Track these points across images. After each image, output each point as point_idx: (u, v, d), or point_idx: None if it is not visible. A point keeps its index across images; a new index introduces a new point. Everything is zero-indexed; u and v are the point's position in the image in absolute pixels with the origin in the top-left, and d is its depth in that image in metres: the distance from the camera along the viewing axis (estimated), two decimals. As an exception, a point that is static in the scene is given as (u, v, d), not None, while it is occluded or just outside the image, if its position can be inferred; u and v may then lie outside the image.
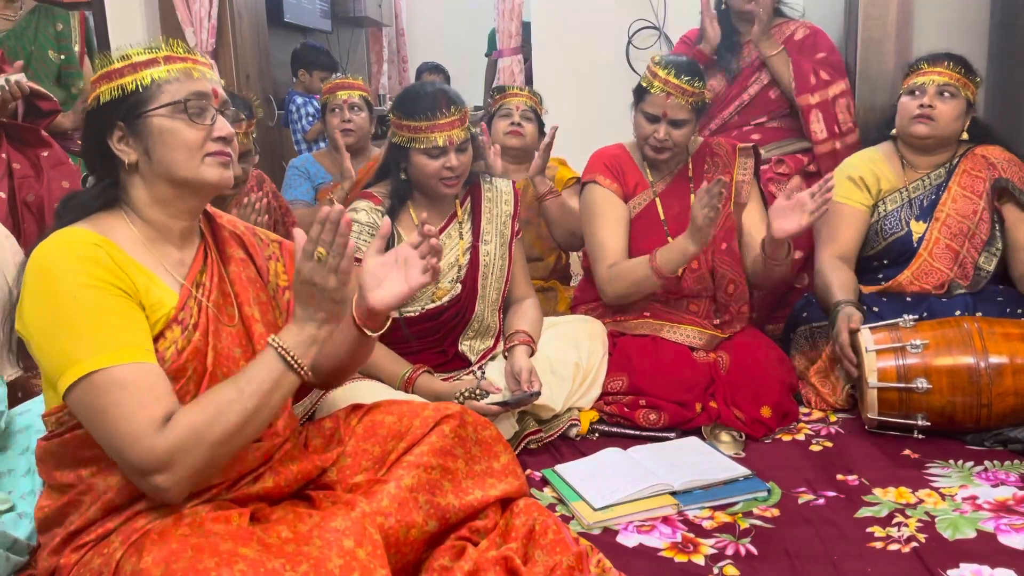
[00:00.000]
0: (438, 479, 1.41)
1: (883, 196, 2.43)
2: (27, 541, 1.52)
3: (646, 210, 2.44)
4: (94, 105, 1.33)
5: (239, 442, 1.24)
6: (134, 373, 1.20)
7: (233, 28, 4.23)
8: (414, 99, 2.08)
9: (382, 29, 7.26)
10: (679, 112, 2.31)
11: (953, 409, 2.03)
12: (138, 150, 1.31)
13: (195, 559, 1.10)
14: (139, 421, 1.17)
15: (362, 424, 1.49)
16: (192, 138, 1.31)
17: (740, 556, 1.60)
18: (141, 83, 1.30)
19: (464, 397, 1.99)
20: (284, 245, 1.56)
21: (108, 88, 1.31)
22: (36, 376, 2.19)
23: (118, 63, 1.32)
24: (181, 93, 1.31)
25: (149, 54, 1.32)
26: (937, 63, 2.36)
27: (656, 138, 2.34)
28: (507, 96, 2.85)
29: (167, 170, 1.31)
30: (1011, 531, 1.63)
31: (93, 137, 1.34)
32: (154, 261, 1.32)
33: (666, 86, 2.29)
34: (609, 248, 2.36)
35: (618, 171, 2.45)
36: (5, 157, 2.40)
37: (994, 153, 2.39)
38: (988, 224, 2.35)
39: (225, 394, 1.22)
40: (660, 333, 2.34)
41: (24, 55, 2.85)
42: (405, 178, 2.15)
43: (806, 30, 2.91)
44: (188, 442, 1.18)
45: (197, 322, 1.32)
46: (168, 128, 1.30)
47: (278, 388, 1.26)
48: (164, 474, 1.18)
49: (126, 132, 1.31)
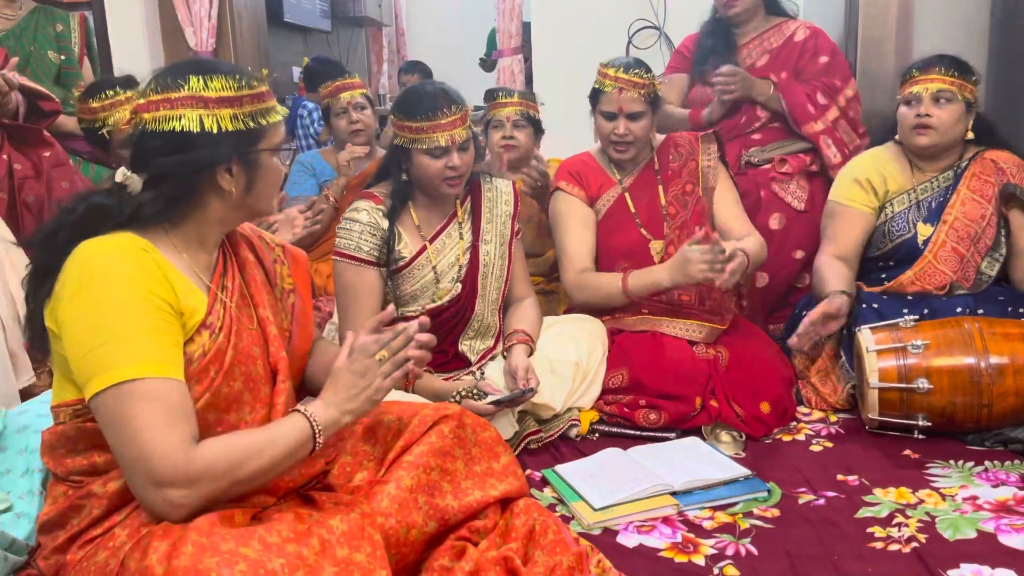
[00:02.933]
0: (437, 480, 1.41)
1: (891, 198, 2.42)
2: (26, 541, 1.52)
3: (615, 206, 2.48)
4: (215, 128, 1.29)
5: (254, 485, 1.29)
6: (166, 388, 1.22)
7: (233, 28, 4.24)
8: (415, 100, 2.08)
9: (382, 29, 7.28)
10: (634, 105, 2.37)
11: (954, 409, 2.03)
12: (242, 181, 1.35)
13: (197, 558, 1.10)
14: (171, 434, 1.19)
15: (361, 424, 1.50)
16: (278, 178, 1.43)
17: (740, 556, 1.60)
18: (267, 119, 1.36)
19: (461, 396, 1.99)
20: (287, 249, 1.60)
21: (228, 113, 1.30)
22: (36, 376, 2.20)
23: (246, 89, 1.31)
24: (280, 132, 1.40)
25: (263, 85, 1.36)
26: (929, 70, 2.33)
27: (616, 134, 2.40)
28: (497, 105, 2.82)
29: (257, 203, 1.39)
30: (1011, 531, 1.63)
31: (197, 160, 1.30)
32: (187, 266, 1.35)
33: (617, 82, 2.37)
34: (573, 254, 2.43)
35: (580, 176, 2.50)
36: (6, 158, 2.41)
37: (1003, 157, 2.38)
38: (995, 229, 2.34)
39: (259, 440, 1.28)
40: (659, 328, 2.34)
41: (23, 55, 2.85)
42: (407, 179, 2.14)
43: (806, 31, 2.87)
44: (220, 469, 1.22)
45: (223, 325, 1.34)
46: (272, 167, 1.39)
47: (298, 451, 1.31)
48: (186, 489, 1.19)
49: (239, 164, 1.34)
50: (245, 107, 1.31)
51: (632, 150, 2.44)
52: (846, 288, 2.28)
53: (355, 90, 3.07)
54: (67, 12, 3.10)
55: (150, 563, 1.11)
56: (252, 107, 1.32)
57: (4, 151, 2.41)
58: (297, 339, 1.53)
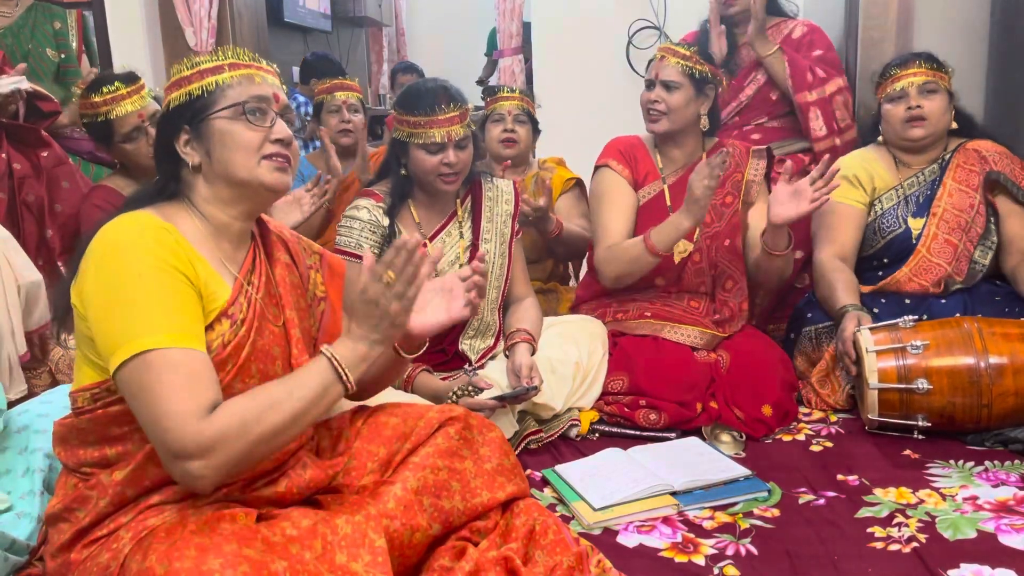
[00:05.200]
0: (445, 480, 1.41)
1: (878, 195, 2.44)
2: (26, 541, 1.52)
3: (655, 199, 2.46)
4: (165, 110, 1.38)
5: (279, 442, 1.26)
6: (187, 358, 1.21)
7: (233, 28, 4.23)
8: (415, 95, 2.09)
9: (382, 29, 7.27)
10: (671, 73, 2.37)
11: (953, 409, 2.03)
12: (201, 152, 1.35)
13: (199, 559, 1.10)
14: (187, 404, 1.18)
15: (367, 425, 1.50)
16: (250, 139, 1.34)
17: (740, 556, 1.60)
18: (207, 88, 1.35)
19: (457, 396, 1.99)
20: (325, 257, 1.58)
21: (177, 95, 1.36)
22: (36, 376, 2.20)
23: (187, 70, 1.37)
24: (242, 96, 1.35)
25: (215, 60, 1.37)
26: (908, 65, 2.38)
27: (649, 99, 2.40)
28: (499, 99, 2.81)
29: (226, 171, 1.34)
30: (1011, 531, 1.63)
31: (163, 141, 1.38)
32: (211, 254, 1.34)
33: (660, 51, 2.41)
34: (611, 230, 2.40)
35: (631, 158, 2.48)
36: (5, 157, 2.41)
37: (985, 146, 2.41)
38: (984, 217, 2.37)
39: (275, 392, 1.24)
40: (661, 333, 2.34)
41: (22, 53, 2.85)
42: (405, 174, 2.15)
43: (804, 28, 2.91)
44: (233, 432, 1.19)
45: (245, 317, 1.34)
46: (228, 130, 1.34)
47: (325, 396, 1.27)
48: (202, 460, 1.17)
49: (191, 135, 1.35)
50: (192, 84, 1.35)
51: (664, 122, 2.40)
52: (856, 299, 2.29)
53: (352, 92, 3.08)
54: (64, 9, 3.09)
55: (151, 564, 1.11)
56: (198, 82, 1.35)
57: (3, 151, 2.41)
58: (322, 346, 1.52)
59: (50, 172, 2.48)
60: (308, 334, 1.48)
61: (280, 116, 1.38)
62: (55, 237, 2.48)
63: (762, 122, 2.93)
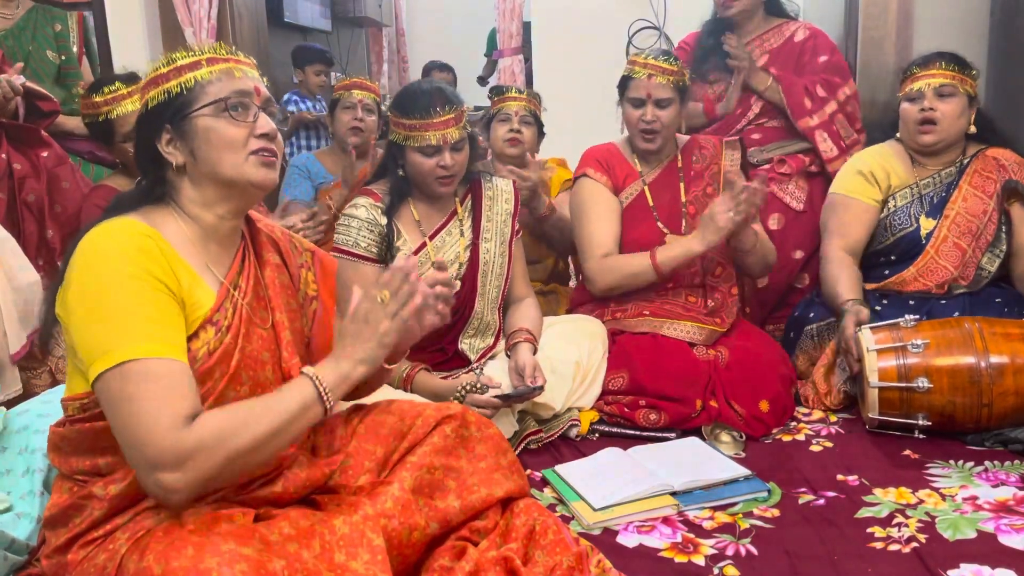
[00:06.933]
0: (441, 478, 1.41)
1: (893, 192, 2.44)
2: (26, 541, 1.52)
3: (636, 200, 2.48)
4: (143, 110, 1.35)
5: (256, 459, 1.24)
6: (165, 368, 1.20)
7: (233, 28, 4.23)
8: (411, 97, 2.09)
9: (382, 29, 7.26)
10: (663, 91, 2.38)
11: (954, 409, 2.03)
12: (184, 152, 1.33)
13: (197, 558, 1.10)
14: (163, 415, 1.16)
15: (364, 424, 1.49)
16: (235, 135, 1.32)
17: (740, 556, 1.60)
18: (185, 85, 1.32)
19: (465, 391, 1.99)
20: (317, 255, 1.57)
21: (155, 93, 1.33)
22: (36, 376, 2.20)
23: (164, 68, 1.33)
24: (223, 92, 1.32)
25: (192, 56, 1.34)
26: (929, 65, 2.37)
27: (644, 120, 2.40)
28: (505, 99, 2.81)
29: (212, 170, 1.32)
30: (1011, 531, 1.63)
31: (143, 141, 1.36)
32: (198, 259, 1.33)
33: (647, 68, 2.39)
34: (599, 240, 2.41)
35: (607, 164, 2.50)
36: (5, 157, 2.40)
37: (1005, 155, 2.40)
38: (996, 225, 2.36)
39: (255, 408, 1.23)
40: (660, 330, 2.34)
41: (22, 55, 2.85)
42: (403, 175, 2.15)
43: (806, 31, 2.88)
44: (209, 445, 1.17)
45: (230, 324, 1.32)
46: (211, 127, 1.31)
47: (304, 415, 1.26)
48: (177, 472, 1.16)
49: (173, 134, 1.33)
50: (170, 81, 1.32)
51: (659, 140, 2.43)
52: (859, 295, 2.30)
53: (369, 92, 3.09)
54: (65, 12, 3.09)
55: (148, 563, 1.11)
56: (176, 80, 1.32)
57: (3, 150, 2.40)
58: (316, 346, 1.51)
59: (50, 172, 2.48)
60: (300, 335, 1.47)
61: (262, 109, 1.36)
62: (56, 237, 2.48)
63: (762, 122, 2.92)
